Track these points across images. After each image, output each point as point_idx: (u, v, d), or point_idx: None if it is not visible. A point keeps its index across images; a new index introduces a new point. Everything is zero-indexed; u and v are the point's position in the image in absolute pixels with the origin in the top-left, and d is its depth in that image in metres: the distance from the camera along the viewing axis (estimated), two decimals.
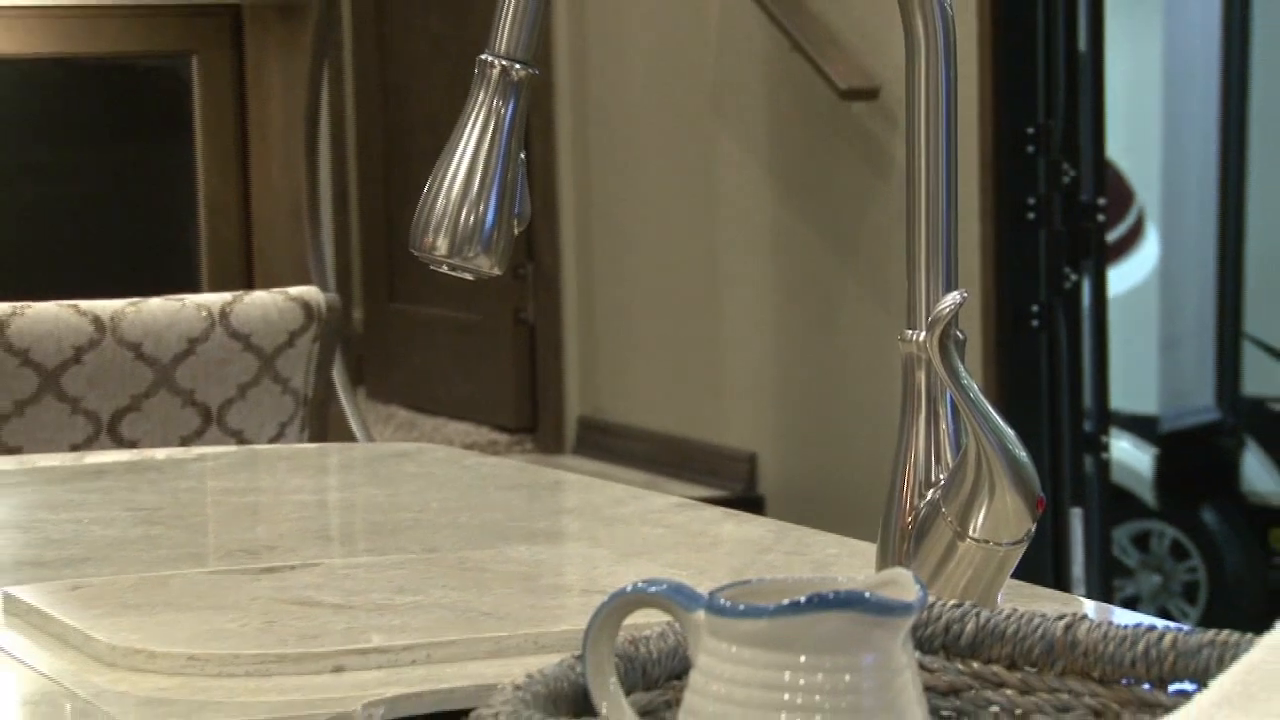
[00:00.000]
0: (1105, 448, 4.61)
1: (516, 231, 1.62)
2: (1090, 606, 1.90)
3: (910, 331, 1.54)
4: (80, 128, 4.31)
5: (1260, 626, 1.22)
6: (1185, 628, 1.24)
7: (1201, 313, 6.11)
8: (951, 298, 1.48)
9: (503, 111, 1.59)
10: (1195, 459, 5.96)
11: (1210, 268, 6.10)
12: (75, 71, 4.32)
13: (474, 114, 1.60)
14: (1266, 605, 5.67)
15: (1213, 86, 6.07)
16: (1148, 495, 5.88)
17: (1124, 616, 1.34)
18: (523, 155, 1.62)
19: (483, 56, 1.58)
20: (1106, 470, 4.67)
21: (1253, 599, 5.72)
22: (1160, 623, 1.26)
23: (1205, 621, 5.36)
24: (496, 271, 1.61)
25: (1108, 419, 4.66)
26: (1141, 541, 5.85)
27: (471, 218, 1.58)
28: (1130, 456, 5.79)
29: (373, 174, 4.86)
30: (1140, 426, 5.88)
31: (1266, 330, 6.05)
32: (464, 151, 1.59)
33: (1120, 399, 5.11)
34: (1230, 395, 6.08)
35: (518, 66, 1.58)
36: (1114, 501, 5.03)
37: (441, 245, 1.59)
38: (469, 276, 1.61)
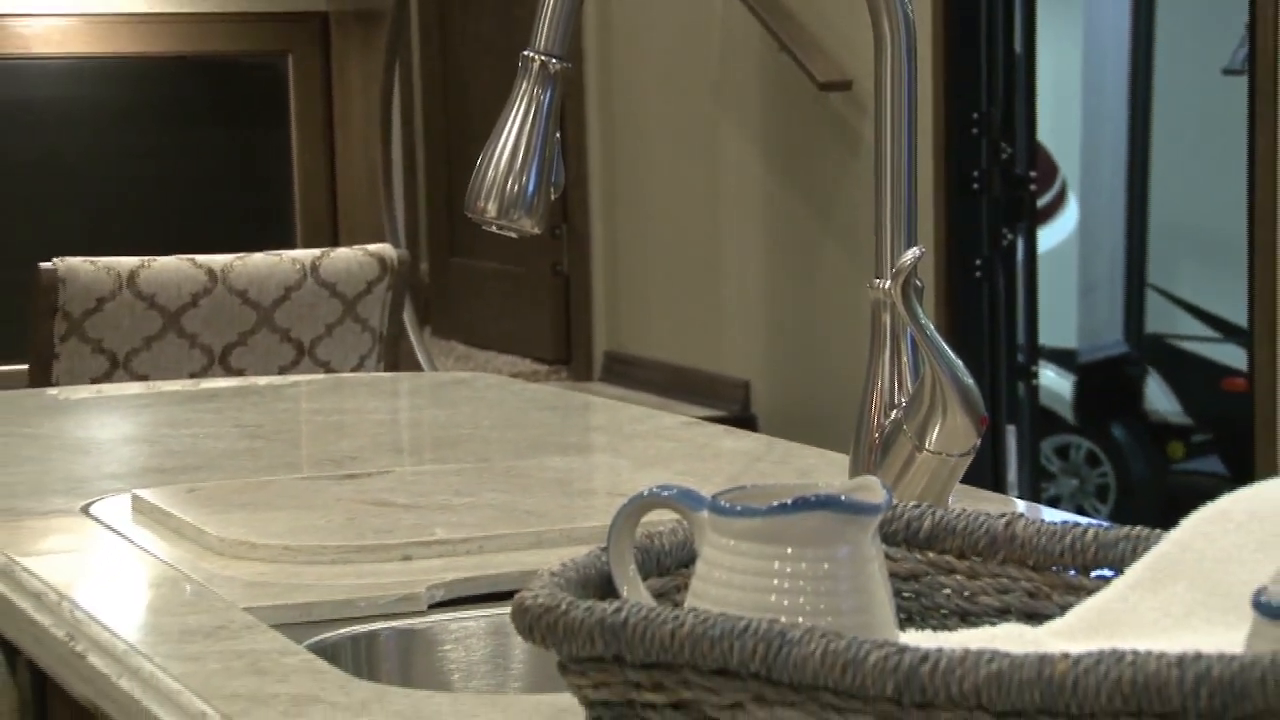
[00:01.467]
0: (1034, 376, 4.62)
1: (553, 197, 1.61)
2: (1023, 506, 1.90)
3: (878, 280, 1.54)
4: (194, 115, 4.30)
5: (1159, 522, 1.22)
6: (1105, 524, 1.23)
7: (1112, 265, 6.12)
8: (911, 253, 1.48)
9: (542, 98, 1.58)
10: (1107, 385, 5.96)
11: (1119, 229, 6.12)
12: (190, 68, 4.30)
13: (518, 100, 1.59)
14: (1164, 504, 5.67)
15: (1122, 80, 6.08)
16: (1068, 414, 5.89)
17: (1051, 515, 1.33)
18: (558, 134, 1.61)
19: (525, 53, 1.58)
20: (1035, 394, 4.69)
21: (1153, 499, 5.73)
22: (1083, 520, 1.26)
23: (1114, 517, 5.38)
24: (536, 231, 1.61)
25: (1036, 352, 4.67)
26: (1062, 452, 5.86)
27: (516, 186, 1.58)
28: (1054, 383, 5.80)
29: (436, 151, 4.84)
30: (1062, 358, 5.89)
31: (1165, 280, 6.06)
32: (510, 131, 1.59)
33: (1046, 336, 5.11)
34: (1136, 333, 6.08)
35: (554, 61, 1.58)
36: (1041, 420, 5.04)
37: (491, 209, 1.59)
38: (513, 235, 1.60)
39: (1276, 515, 1.15)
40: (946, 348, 1.46)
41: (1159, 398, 5.96)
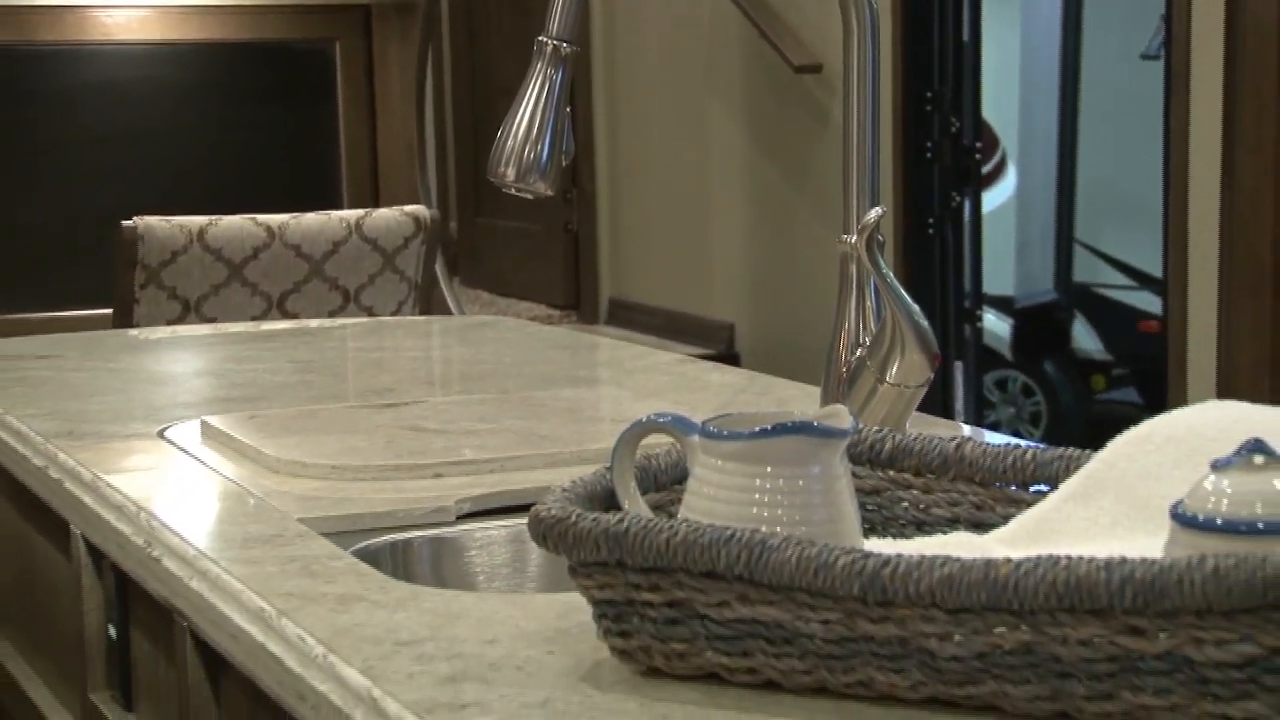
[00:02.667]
0: (978, 319, 4.63)
1: (564, 164, 1.61)
2: (969, 431, 1.90)
3: (845, 236, 1.54)
4: (254, 94, 4.28)
5: (1085, 445, 1.22)
6: (1040, 446, 1.23)
7: (1045, 224, 6.12)
8: (873, 212, 1.47)
9: (554, 78, 1.57)
10: (1040, 327, 5.96)
11: (1051, 192, 6.12)
12: (251, 53, 4.29)
13: (534, 79, 1.58)
14: (1088, 430, 5.67)
15: (1054, 65, 6.08)
16: (1006, 352, 5.88)
17: (994, 438, 1.32)
18: (568, 109, 1.60)
19: (540, 38, 1.57)
20: (979, 335, 4.70)
21: (1079, 425, 5.73)
22: (1021, 442, 1.26)
23: (1046, 441, 5.37)
24: (550, 193, 1.61)
25: (980, 299, 4.68)
26: (1001, 385, 5.86)
27: (532, 154, 1.57)
28: (995, 325, 5.79)
29: (462, 125, 4.82)
30: (1002, 304, 5.89)
31: (1090, 236, 6.06)
32: (526, 106, 1.58)
33: (989, 285, 5.11)
34: (1065, 282, 6.08)
35: (565, 45, 1.57)
36: (983, 357, 5.05)
37: (510, 174, 1.58)
38: (529, 196, 1.60)
39: (1190, 438, 1.15)
40: (904, 294, 1.46)
41: (1084, 338, 5.96)
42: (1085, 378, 5.89)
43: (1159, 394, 3.76)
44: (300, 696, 1.14)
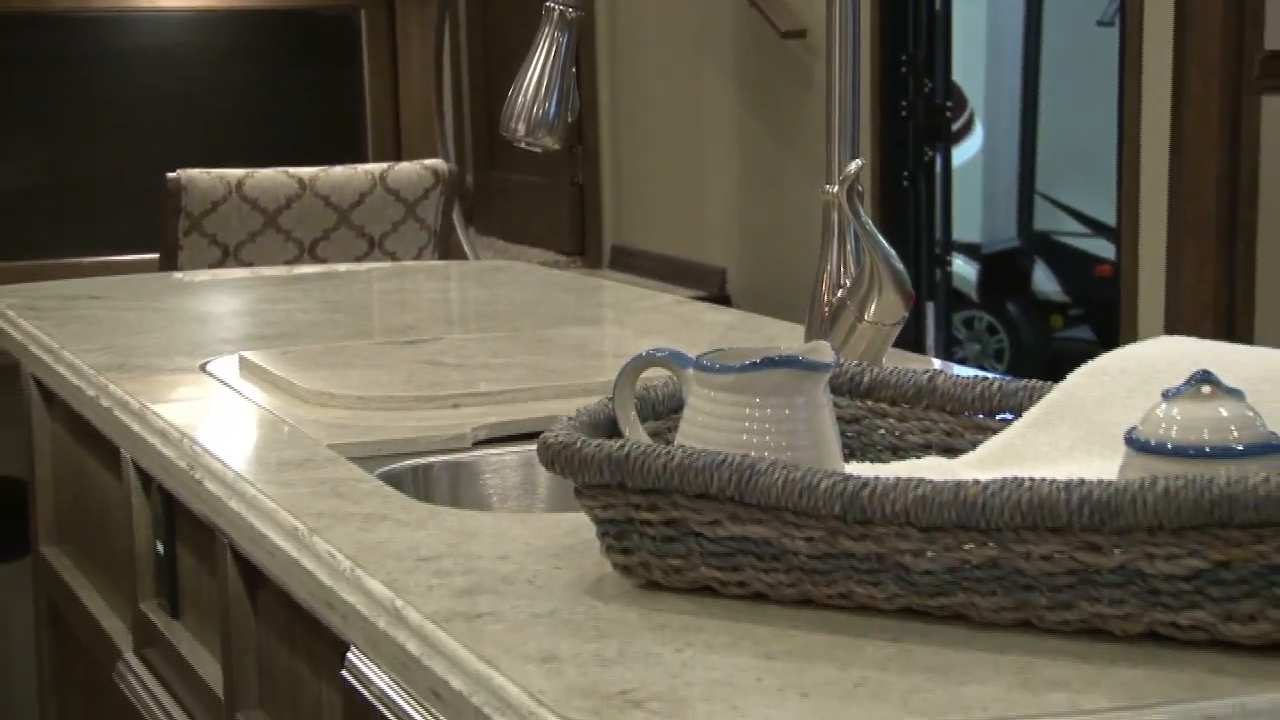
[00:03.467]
0: (948, 264, 4.63)
1: (569, 120, 1.60)
2: (939, 364, 1.89)
3: (828, 186, 1.53)
4: (286, 58, 4.26)
5: (1044, 378, 1.22)
6: (1006, 377, 1.23)
7: (1009, 177, 6.12)
8: (854, 164, 1.47)
9: (561, 41, 1.57)
10: (1003, 271, 5.96)
11: (1015, 148, 6.12)
12: (282, 19, 4.26)
13: (542, 42, 1.58)
14: (1047, 364, 5.67)
15: (1018, 31, 6.07)
16: (973, 294, 5.88)
17: (962, 371, 1.32)
18: (574, 70, 1.59)
19: (548, 4, 1.56)
20: (949, 278, 4.70)
21: (1038, 360, 5.73)
22: (988, 375, 1.25)
23: (1009, 375, 5.38)
24: (556, 147, 1.60)
25: (949, 245, 4.68)
26: (968, 323, 5.86)
27: (540, 111, 1.56)
28: (963, 269, 5.79)
29: (477, 86, 4.80)
30: (969, 250, 5.89)
31: (1050, 188, 6.06)
32: (535, 67, 1.57)
33: (958, 232, 5.11)
34: (1026, 230, 6.08)
35: (571, 10, 1.56)
36: (952, 298, 5.05)
37: (520, 129, 1.57)
38: (539, 150, 1.59)
39: (1142, 370, 1.15)
40: (881, 240, 1.45)
41: (1044, 281, 5.96)
42: (1044, 317, 5.90)
43: (1112, 332, 3.76)
44: (330, 606, 1.14)
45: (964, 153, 5.96)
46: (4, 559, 3.30)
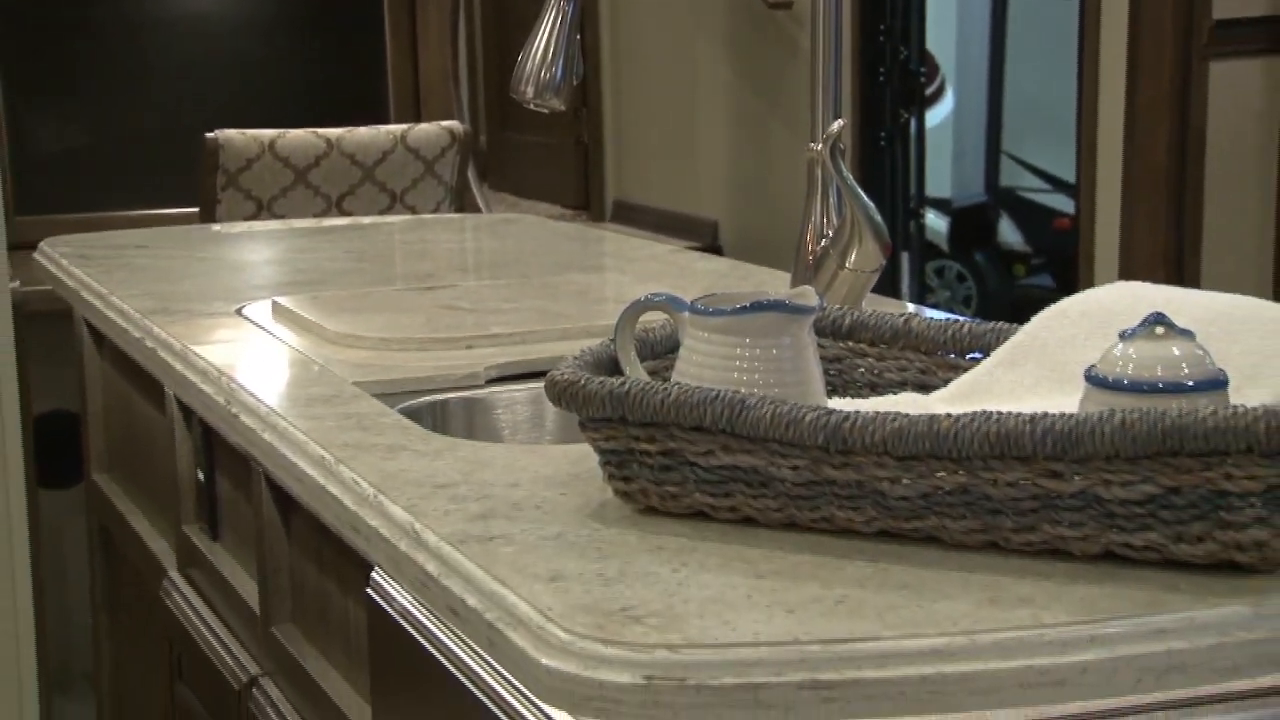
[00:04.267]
0: (922, 217, 4.62)
1: (574, 84, 1.58)
2: (913, 308, 1.88)
3: (812, 145, 1.52)
4: (313, 27, 4.24)
5: (1009, 322, 1.21)
6: (975, 320, 1.22)
7: (977, 137, 6.11)
8: (836, 124, 1.46)
9: (567, 10, 1.56)
10: (972, 224, 5.96)
11: (983, 111, 6.11)
12: None
13: (549, 12, 1.57)
14: (1011, 309, 5.67)
15: (986, 5, 6.05)
16: (944, 245, 5.87)
17: (934, 314, 1.31)
18: (578, 37, 1.57)
19: None
20: (922, 230, 4.69)
21: (1003, 306, 5.72)
22: (958, 318, 1.25)
23: (977, 318, 5.39)
24: (562, 108, 1.59)
25: (923, 200, 4.67)
26: (940, 272, 5.85)
27: (548, 74, 1.55)
28: (934, 222, 5.77)
29: (491, 52, 4.77)
30: (941, 204, 5.88)
31: (1015, 147, 6.06)
32: (543, 34, 1.56)
33: (930, 188, 5.09)
34: (993, 186, 6.07)
35: None
36: (925, 249, 5.05)
37: (529, 91, 1.56)
38: (546, 111, 1.58)
39: (1100, 313, 1.14)
40: (862, 194, 1.45)
41: (1008, 233, 5.95)
42: (1009, 266, 5.90)
43: (1070, 280, 3.75)
44: (355, 529, 1.13)
45: (936, 115, 5.95)
46: (60, 486, 3.30)
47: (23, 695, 3.08)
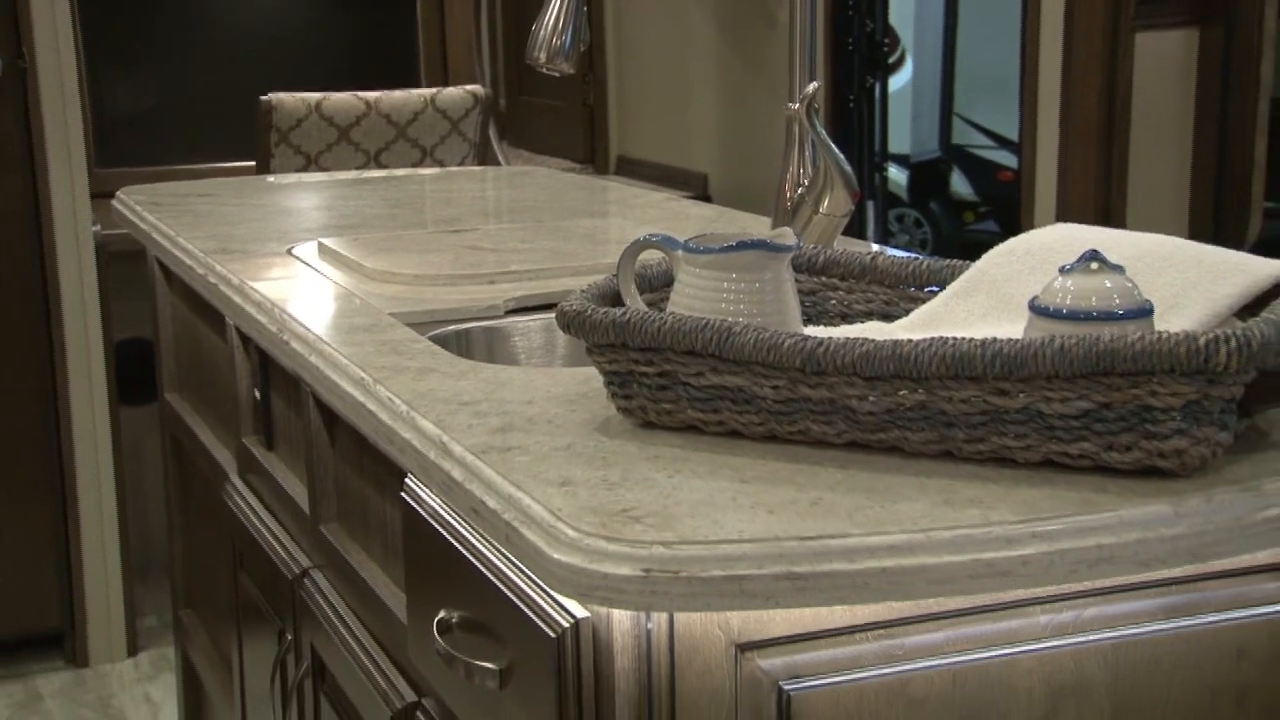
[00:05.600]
0: (885, 170, 4.60)
1: (581, 50, 1.56)
2: (878, 248, 1.87)
3: (791, 105, 1.50)
4: (357, 1, 4.19)
5: (962, 260, 1.20)
6: (933, 258, 1.21)
7: (932, 100, 6.09)
8: (811, 86, 1.44)
9: None
10: (928, 176, 5.93)
11: (937, 77, 6.08)
12: None
13: None
14: (962, 251, 5.66)
15: None
16: (904, 195, 5.85)
17: (896, 253, 1.29)
18: (585, 9, 1.55)
19: None
20: (885, 182, 4.67)
21: (955, 248, 5.71)
22: (918, 256, 1.23)
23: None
24: (571, 72, 1.57)
25: (886, 155, 4.65)
26: (900, 219, 5.83)
27: (558, 42, 1.53)
28: (896, 175, 5.75)
29: (509, 23, 4.72)
30: (901, 159, 5.86)
31: (965, 109, 6.04)
32: (555, 7, 1.54)
33: (892, 145, 5.07)
34: (946, 143, 6.04)
35: None
36: (888, 198, 5.03)
37: (542, 57, 1.54)
38: (557, 74, 1.56)
39: (1042, 251, 1.13)
40: (834, 148, 1.44)
41: (959, 184, 5.93)
42: (960, 213, 5.88)
43: (1013, 225, 3.73)
44: (390, 441, 1.12)
45: (897, 81, 5.91)
46: (137, 404, 3.30)
47: (109, 583, 3.09)
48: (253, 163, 3.20)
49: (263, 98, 3.11)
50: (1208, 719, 0.98)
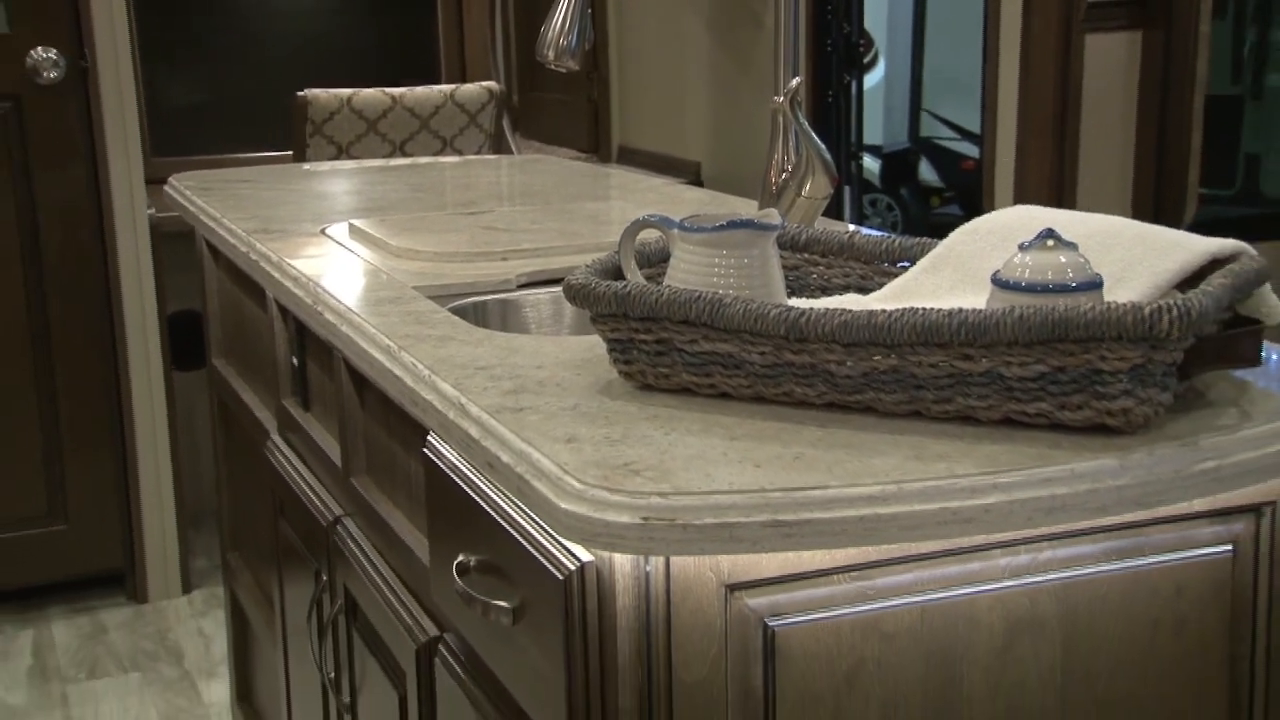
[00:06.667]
0: (860, 159, 4.58)
1: (586, 49, 1.55)
2: (854, 228, 1.85)
3: (776, 98, 1.49)
4: (378, 2, 4.16)
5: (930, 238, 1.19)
6: (904, 236, 1.20)
7: (902, 97, 6.07)
8: (795, 81, 1.43)
9: None
10: (898, 165, 5.91)
11: (907, 76, 6.05)
12: None
13: None
14: (929, 231, 5.63)
15: None
16: (877, 182, 5.83)
17: (871, 232, 1.28)
18: (589, 11, 1.53)
19: None
20: (860, 170, 4.65)
21: (923, 229, 5.69)
22: (890, 234, 1.22)
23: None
24: (576, 68, 1.55)
25: (861, 146, 4.62)
26: (874, 203, 5.81)
27: (565, 41, 1.51)
28: (870, 164, 5.73)
29: (521, 25, 4.69)
30: (874, 150, 5.83)
31: (933, 105, 6.01)
32: (562, 8, 1.52)
33: (867, 137, 5.05)
34: (915, 135, 6.02)
35: None
36: (863, 184, 5.01)
37: (551, 55, 1.53)
38: (563, 70, 1.55)
39: (1003, 230, 1.12)
40: (815, 137, 1.42)
41: (927, 172, 5.91)
42: (926, 199, 5.86)
43: (975, 209, 3.71)
44: (414, 402, 1.11)
45: (871, 79, 5.89)
46: (189, 369, 3.29)
47: (165, 529, 3.08)
48: (290, 152, 3.18)
49: (299, 93, 3.09)
50: (1148, 648, 0.98)
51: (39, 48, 2.88)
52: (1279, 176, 4.05)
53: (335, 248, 1.68)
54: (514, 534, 0.99)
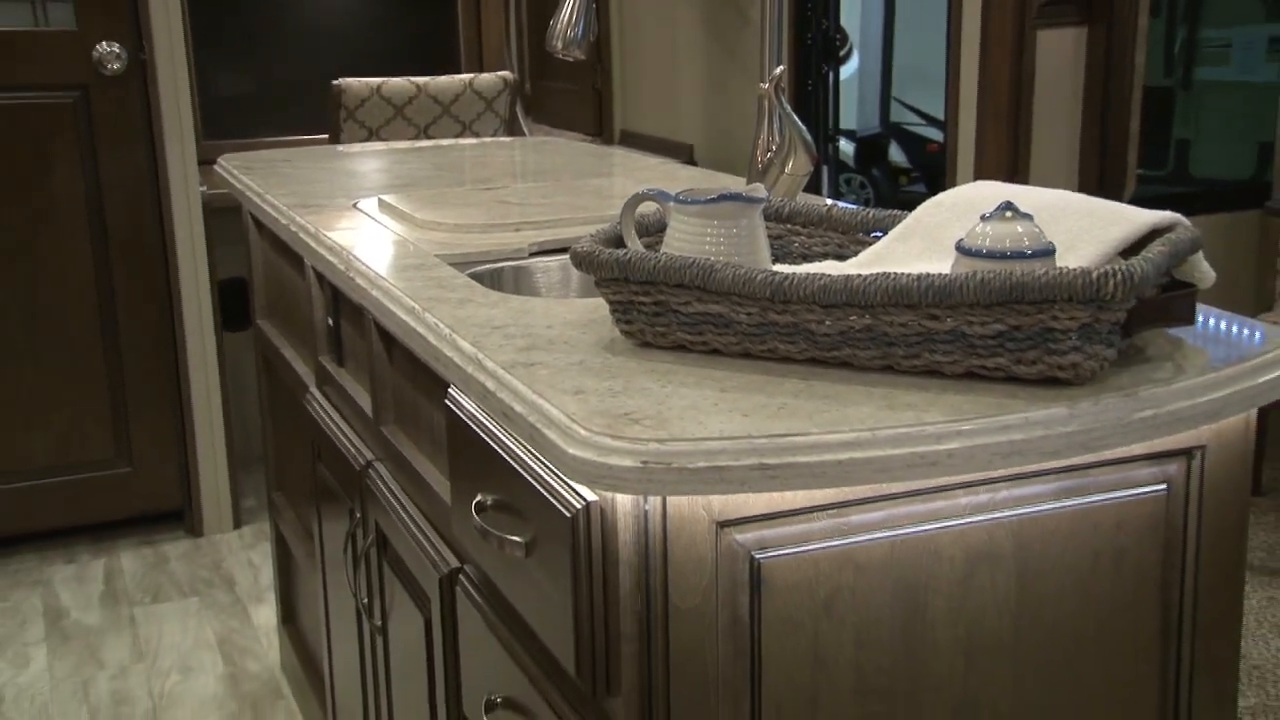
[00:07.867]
0: (837, 141, 4.55)
1: (591, 40, 1.53)
2: (831, 202, 1.84)
3: (762, 85, 1.47)
4: (402, 4, 4.12)
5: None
6: (877, 209, 1.19)
7: (875, 86, 6.03)
8: (778, 69, 1.41)
9: None
10: (871, 148, 5.87)
11: (879, 67, 6.00)
12: None
13: None
14: (899, 206, 5.61)
15: None
16: (852, 163, 5.80)
17: (847, 206, 1.27)
18: (594, 6, 1.51)
19: None
20: (837, 151, 4.63)
21: (893, 205, 5.66)
22: (864, 208, 1.21)
23: None
24: (583, 58, 1.53)
25: (838, 130, 4.60)
26: (849, 182, 5.78)
27: (572, 32, 1.49)
28: (846, 146, 5.69)
29: (534, 20, 4.64)
30: (849, 134, 5.79)
31: (901, 93, 5.98)
32: (569, 3, 1.49)
33: (842, 122, 5.02)
34: (885, 121, 5.98)
35: None
36: (839, 164, 4.99)
37: (559, 45, 1.51)
38: (571, 59, 1.52)
39: (965, 203, 1.10)
40: (797, 120, 1.41)
41: (896, 154, 5.88)
42: (896, 178, 5.83)
43: (940, 187, 3.69)
44: (436, 359, 1.10)
45: (847, 70, 5.84)
46: (237, 329, 3.28)
47: (218, 471, 3.09)
48: (325, 135, 3.15)
49: (334, 82, 3.06)
50: (1091, 576, 0.97)
51: (104, 42, 2.86)
52: (1206, 160, 4.02)
53: (366, 220, 1.66)
54: (526, 476, 0.98)
